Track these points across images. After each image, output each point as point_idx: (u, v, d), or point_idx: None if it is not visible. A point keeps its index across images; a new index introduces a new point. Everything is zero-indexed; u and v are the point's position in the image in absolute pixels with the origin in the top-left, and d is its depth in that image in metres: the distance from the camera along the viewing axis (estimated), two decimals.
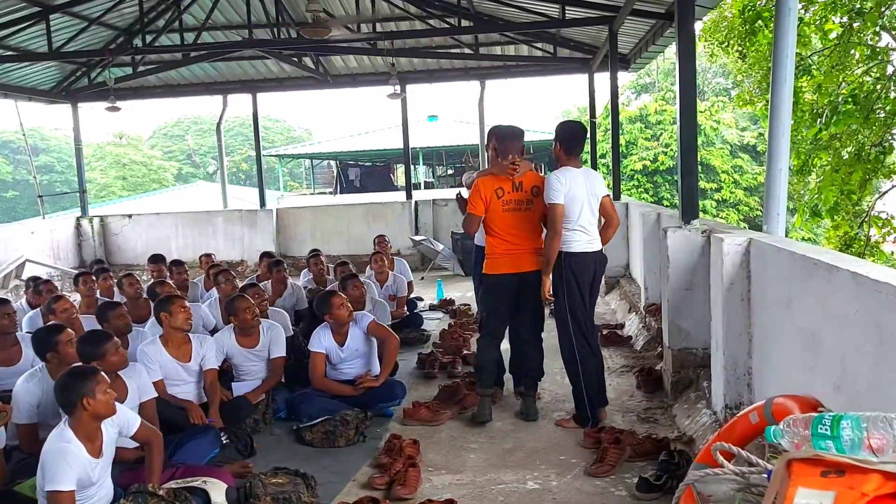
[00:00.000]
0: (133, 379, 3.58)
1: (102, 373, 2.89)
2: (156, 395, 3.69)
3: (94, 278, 5.87)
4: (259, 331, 4.56)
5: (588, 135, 4.81)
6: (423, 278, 10.34)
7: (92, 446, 2.82)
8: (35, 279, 6.08)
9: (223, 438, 3.81)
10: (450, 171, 29.07)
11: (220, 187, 13.84)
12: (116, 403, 2.92)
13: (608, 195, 4.15)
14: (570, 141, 4.03)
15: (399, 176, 30.93)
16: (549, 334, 5.36)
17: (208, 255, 7.75)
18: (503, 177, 4.13)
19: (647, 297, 6.20)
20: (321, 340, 4.56)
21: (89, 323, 4.94)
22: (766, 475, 1.82)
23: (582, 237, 4.00)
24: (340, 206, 14.01)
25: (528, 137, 4.36)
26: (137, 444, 3.26)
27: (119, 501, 2.84)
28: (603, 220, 4.20)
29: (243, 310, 4.47)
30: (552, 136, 4.20)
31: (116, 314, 4.43)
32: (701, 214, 6.06)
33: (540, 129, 22.87)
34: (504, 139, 4.20)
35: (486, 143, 4.63)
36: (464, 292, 8.63)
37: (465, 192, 4.50)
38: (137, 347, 4.12)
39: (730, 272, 3.49)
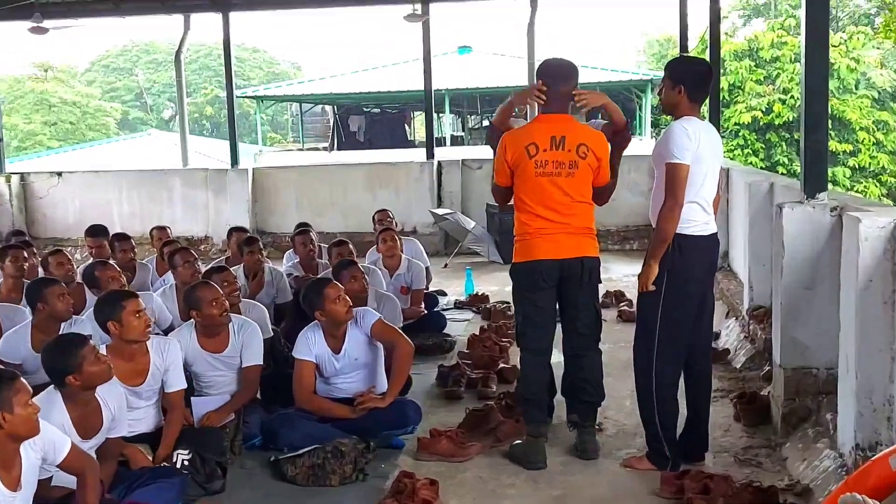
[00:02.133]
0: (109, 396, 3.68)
1: (22, 379, 2.96)
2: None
3: (24, 253, 5.95)
4: (228, 330, 4.61)
5: None
6: (447, 266, 10.36)
7: (8, 476, 2.89)
8: None
9: (182, 457, 3.89)
10: (486, 122, 28.95)
11: (179, 139, 13.99)
12: (42, 422, 3.00)
13: None
14: (699, 83, 4.01)
15: (417, 128, 30.96)
16: (617, 345, 5.30)
17: (162, 229, 7.85)
18: (538, 127, 4.14)
19: (752, 298, 6.15)
20: (310, 345, 4.60)
21: (11, 313, 5.06)
22: None
23: (700, 216, 3.98)
24: (338, 166, 14.06)
25: (597, 77, 4.34)
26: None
27: None
28: None
29: (208, 302, 4.52)
30: (629, 77, 4.19)
31: (54, 293, 4.57)
32: (830, 186, 5.96)
33: (612, 65, 22.74)
34: (550, 79, 4.20)
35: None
36: (502, 285, 8.62)
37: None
38: None
39: (868, 265, 3.45)
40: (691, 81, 3.99)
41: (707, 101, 5.28)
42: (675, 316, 3.98)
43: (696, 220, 3.95)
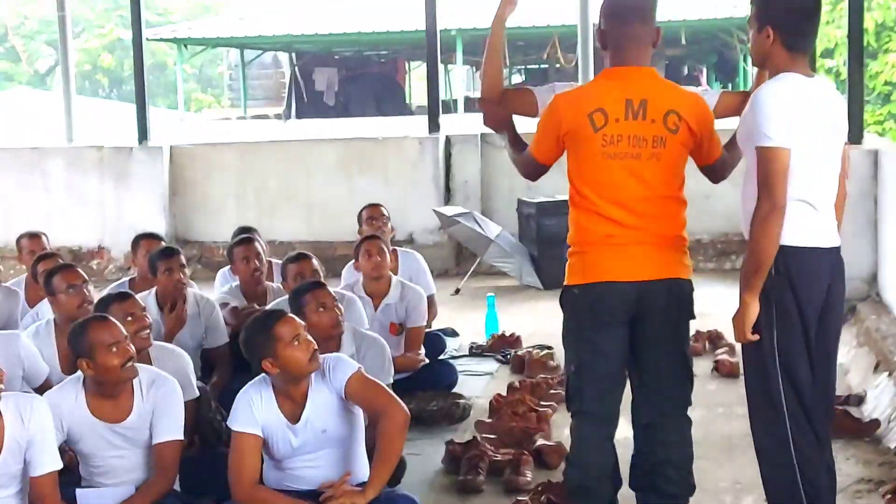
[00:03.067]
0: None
1: None
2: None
3: None
4: (133, 389, 4.61)
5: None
6: (458, 292, 10.38)
7: None
8: None
9: None
10: (516, 78, 29.02)
11: (62, 101, 14.01)
12: None
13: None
14: (800, 23, 4.01)
15: (415, 86, 30.96)
16: (713, 412, 5.28)
17: (35, 237, 7.83)
18: (605, 86, 4.19)
19: None
20: (254, 411, 4.58)
21: None
22: None
23: (810, 218, 3.98)
24: (298, 143, 14.06)
25: (681, 13, 4.35)
26: None
27: None
28: None
29: (104, 347, 4.50)
30: (726, 13, 4.20)
31: None
32: None
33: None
34: (613, 18, 4.24)
35: (596, 25, 4.62)
36: (541, 322, 8.61)
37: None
38: None
39: None
40: (786, 21, 3.99)
41: (842, 47, 5.29)
42: (795, 365, 3.99)
43: (804, 225, 3.94)
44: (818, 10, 4.12)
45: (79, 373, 4.62)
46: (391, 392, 4.77)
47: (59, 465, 4.28)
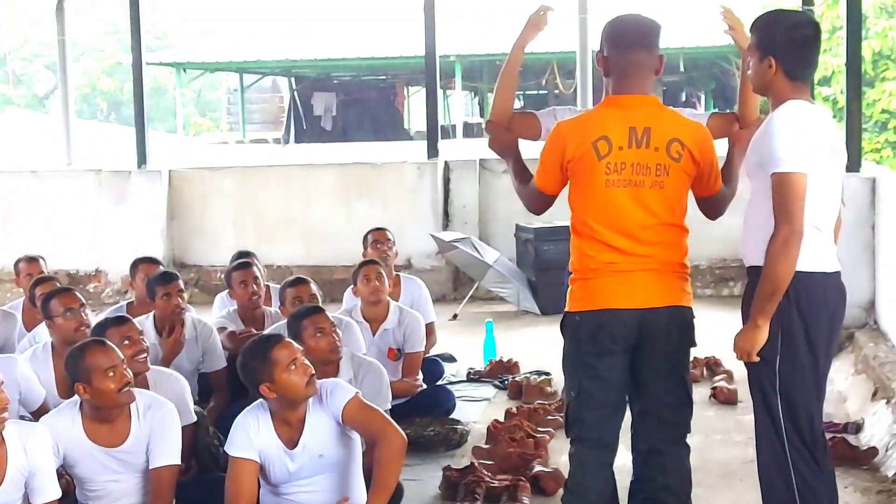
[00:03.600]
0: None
1: None
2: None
3: None
4: (130, 413, 4.61)
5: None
6: (456, 317, 10.37)
7: None
8: None
9: None
10: (515, 104, 29.17)
11: (61, 124, 14.02)
12: None
13: None
14: (801, 51, 4.04)
15: (414, 111, 31.04)
16: (710, 438, 5.28)
17: (32, 261, 7.82)
18: (609, 114, 4.19)
19: None
20: (251, 436, 4.58)
21: None
22: None
23: (819, 245, 4.00)
24: (296, 167, 14.04)
25: (676, 41, 4.38)
26: None
27: None
28: None
29: (101, 371, 4.50)
30: (724, 40, 4.21)
31: None
32: None
33: (699, 24, 22.78)
34: (617, 45, 4.25)
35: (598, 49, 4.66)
36: (539, 348, 8.61)
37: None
38: None
39: None
40: (787, 50, 4.01)
41: (840, 74, 5.32)
42: (799, 389, 3.99)
43: (814, 251, 3.96)
44: (818, 40, 4.14)
45: (76, 397, 4.61)
46: (388, 417, 4.76)
47: (59, 494, 4.29)
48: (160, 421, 4.62)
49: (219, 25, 48.11)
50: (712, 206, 4.35)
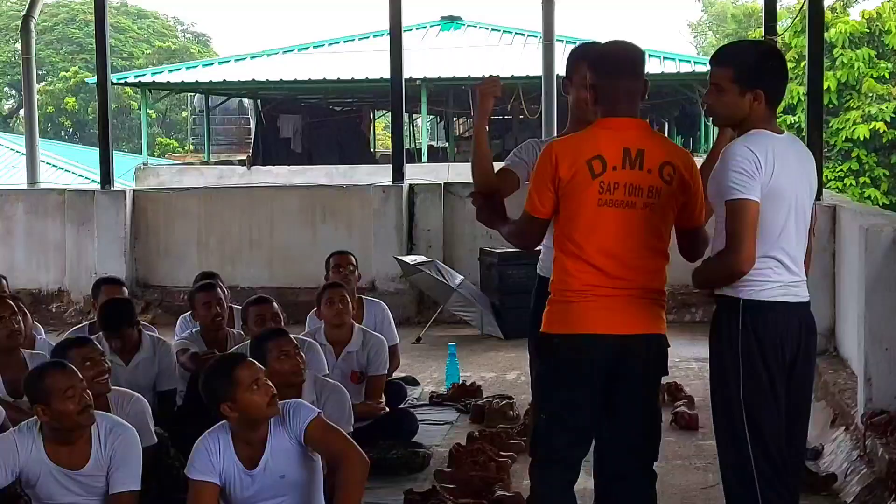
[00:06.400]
0: None
1: None
2: None
3: None
4: (91, 436, 4.58)
5: None
6: (420, 340, 10.36)
7: None
8: None
9: None
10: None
11: (24, 144, 13.98)
12: None
13: None
14: (781, 83, 4.11)
15: (379, 134, 31.04)
16: (671, 463, 5.29)
17: None
18: (603, 135, 4.18)
19: (871, 398, 6.16)
20: (211, 458, 4.56)
21: None
22: None
23: (779, 274, 4.02)
24: (261, 189, 14.06)
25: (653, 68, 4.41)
26: None
27: None
28: None
29: (60, 393, 4.47)
30: (688, 67, 4.26)
31: None
32: None
33: (663, 50, 22.97)
34: (607, 72, 4.24)
35: (566, 74, 4.69)
36: (501, 371, 8.61)
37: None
38: None
39: None
40: (773, 84, 4.07)
41: (802, 103, 5.41)
42: (761, 418, 4.01)
43: (772, 280, 3.99)
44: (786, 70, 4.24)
45: (34, 418, 4.58)
46: (351, 440, 4.75)
47: None
48: (121, 445, 4.59)
49: (184, 45, 48.04)
50: (694, 243, 4.34)
